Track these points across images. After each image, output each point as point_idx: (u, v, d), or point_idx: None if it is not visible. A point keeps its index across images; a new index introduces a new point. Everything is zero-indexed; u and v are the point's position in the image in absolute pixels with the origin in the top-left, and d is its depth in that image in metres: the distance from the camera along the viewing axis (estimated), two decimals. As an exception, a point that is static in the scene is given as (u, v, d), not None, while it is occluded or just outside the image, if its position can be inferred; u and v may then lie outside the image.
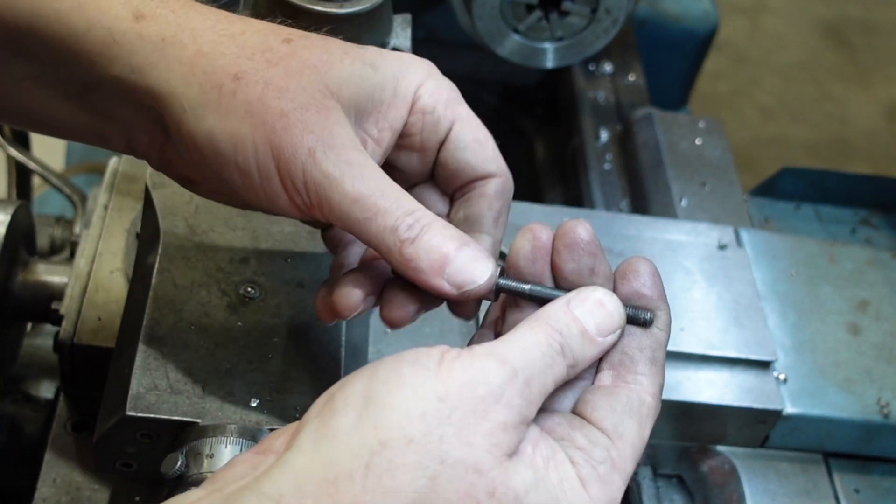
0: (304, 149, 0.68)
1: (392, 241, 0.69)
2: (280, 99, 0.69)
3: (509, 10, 1.25)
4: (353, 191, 0.68)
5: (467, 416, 0.60)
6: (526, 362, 0.63)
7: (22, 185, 1.48)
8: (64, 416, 0.99)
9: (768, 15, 3.98)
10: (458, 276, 0.69)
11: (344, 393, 0.62)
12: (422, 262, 0.69)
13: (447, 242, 0.69)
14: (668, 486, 1.12)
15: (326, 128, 0.69)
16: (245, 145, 0.69)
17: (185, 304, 0.84)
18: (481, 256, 0.70)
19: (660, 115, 1.44)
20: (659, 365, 0.70)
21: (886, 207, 1.45)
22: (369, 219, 0.69)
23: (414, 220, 0.69)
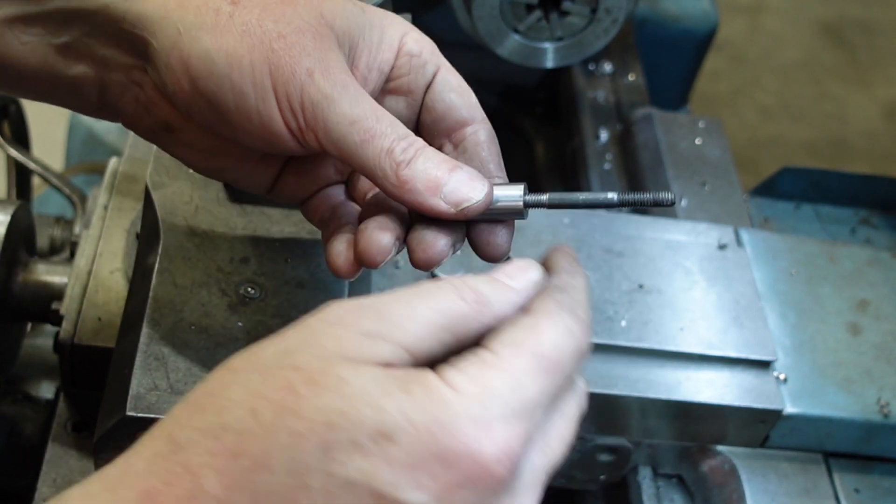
0: (303, 68, 0.69)
1: (388, 163, 0.69)
2: (277, 22, 0.69)
3: (509, 10, 1.25)
4: (350, 112, 0.69)
5: (289, 337, 0.57)
6: (383, 296, 0.58)
7: (22, 185, 1.48)
8: (64, 416, 0.99)
9: (768, 15, 3.98)
10: (455, 194, 0.70)
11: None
12: (418, 183, 0.69)
13: (442, 164, 0.70)
14: (668, 486, 1.12)
15: (323, 52, 0.70)
16: (242, 63, 0.69)
17: (185, 304, 0.84)
18: (476, 175, 0.71)
19: (660, 115, 1.44)
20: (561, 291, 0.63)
21: (886, 207, 1.45)
22: (366, 141, 0.69)
23: (408, 143, 0.70)
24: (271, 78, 0.69)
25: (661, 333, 1.07)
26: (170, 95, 0.72)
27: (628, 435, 1.06)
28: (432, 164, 0.70)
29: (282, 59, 0.69)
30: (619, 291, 1.09)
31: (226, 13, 0.70)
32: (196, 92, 0.70)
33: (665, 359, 1.07)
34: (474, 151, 0.77)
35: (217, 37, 0.69)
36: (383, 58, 0.76)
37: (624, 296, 1.09)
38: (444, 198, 0.70)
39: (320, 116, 0.69)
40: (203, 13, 0.70)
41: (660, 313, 1.09)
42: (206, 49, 0.69)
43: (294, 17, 0.70)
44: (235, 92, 0.69)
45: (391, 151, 0.69)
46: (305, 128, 0.70)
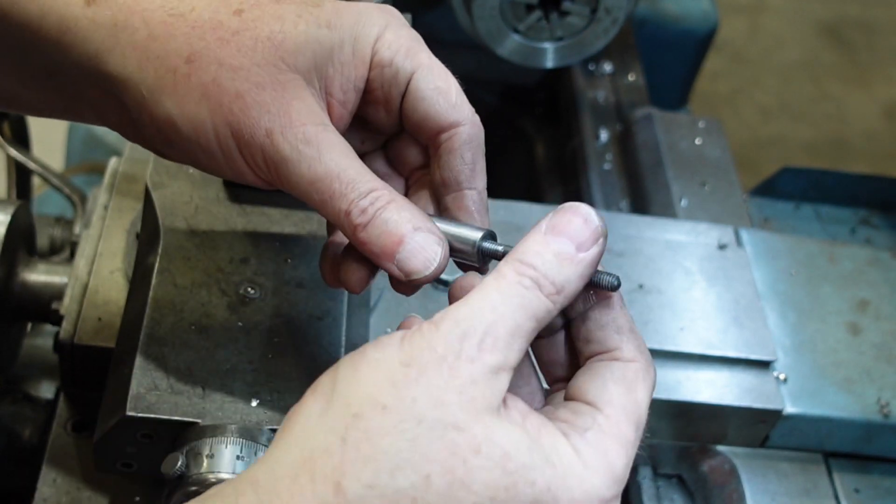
0: (262, 130, 0.69)
1: (346, 223, 0.70)
2: (234, 80, 0.69)
3: (509, 10, 1.25)
4: (308, 174, 0.69)
5: (433, 376, 0.59)
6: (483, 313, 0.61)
7: (22, 185, 1.48)
8: (64, 416, 0.99)
9: (768, 15, 3.98)
10: (406, 264, 0.70)
11: (313, 388, 0.63)
12: (374, 247, 0.70)
13: (400, 227, 0.70)
14: (668, 486, 1.12)
15: (283, 105, 0.69)
16: (205, 128, 0.69)
17: (185, 304, 0.84)
18: (431, 244, 0.70)
19: (660, 115, 1.44)
20: (626, 328, 0.68)
21: (886, 207, 1.45)
22: (325, 201, 0.69)
23: (369, 202, 0.70)
24: (234, 139, 0.69)
25: (661, 333, 1.08)
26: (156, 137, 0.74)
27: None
28: (390, 227, 0.70)
29: (241, 121, 0.69)
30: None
31: (183, 74, 0.69)
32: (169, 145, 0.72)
33: (665, 359, 1.07)
34: (447, 160, 0.76)
35: (178, 101, 0.69)
36: (357, 75, 0.74)
37: (624, 296, 1.09)
38: (398, 264, 0.70)
39: (283, 174, 0.70)
40: (161, 75, 0.69)
41: (660, 313, 1.09)
42: (168, 114, 0.70)
43: (252, 69, 0.69)
44: (204, 152, 0.71)
45: (348, 213, 0.69)
46: (276, 180, 0.71)
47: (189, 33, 0.69)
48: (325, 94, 0.73)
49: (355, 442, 0.58)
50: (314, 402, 0.61)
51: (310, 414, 0.61)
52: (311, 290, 0.87)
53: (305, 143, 0.69)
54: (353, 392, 0.60)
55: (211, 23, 0.70)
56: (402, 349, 0.61)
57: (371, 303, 1.03)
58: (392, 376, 0.60)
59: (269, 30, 0.70)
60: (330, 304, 0.87)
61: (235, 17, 0.70)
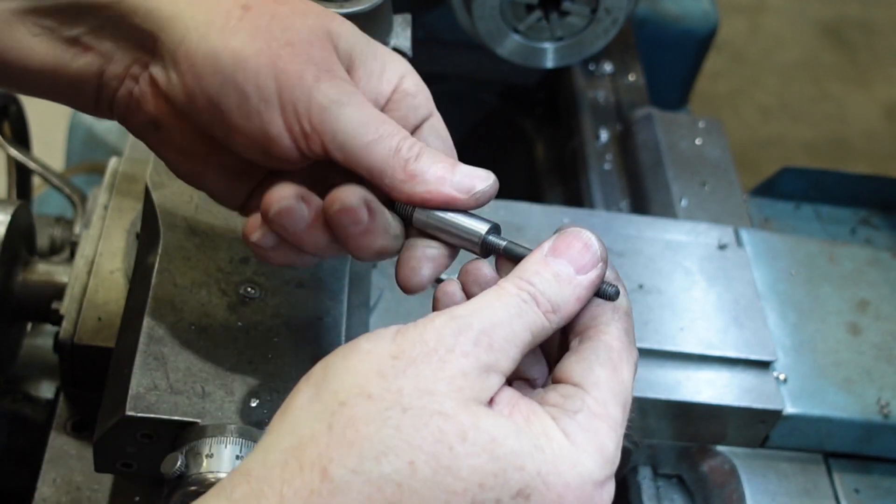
0: (311, 74, 0.70)
1: (397, 161, 0.71)
2: (286, 31, 0.71)
3: (509, 10, 1.25)
4: (358, 115, 0.70)
5: (423, 368, 0.60)
6: (481, 313, 0.63)
7: (22, 185, 1.48)
8: (64, 416, 0.99)
9: (768, 15, 3.98)
10: (464, 182, 0.71)
11: (305, 377, 0.63)
12: (428, 175, 0.71)
13: (447, 159, 0.72)
14: (668, 486, 1.12)
15: (329, 64, 0.71)
16: (247, 64, 0.70)
17: (185, 304, 0.84)
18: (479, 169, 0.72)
19: (660, 115, 1.44)
20: (621, 311, 0.69)
21: (886, 207, 1.45)
22: (374, 141, 0.70)
23: (413, 142, 0.72)
24: (276, 82, 0.70)
25: (661, 333, 1.08)
26: (171, 91, 0.73)
27: (628, 435, 1.06)
28: (439, 160, 0.72)
29: (289, 66, 0.70)
30: (619, 291, 1.09)
31: (236, 16, 0.71)
32: (198, 89, 0.71)
33: (665, 359, 1.07)
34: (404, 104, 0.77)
35: (225, 37, 0.70)
36: (381, 89, 0.76)
37: (624, 296, 1.09)
38: (455, 186, 0.71)
39: (328, 120, 0.70)
40: (214, 13, 0.71)
41: (660, 313, 1.09)
42: (213, 48, 0.70)
43: (303, 28, 0.71)
44: (238, 92, 0.70)
45: (399, 150, 0.71)
46: (311, 132, 0.70)
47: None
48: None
49: (341, 428, 0.59)
50: (305, 391, 0.62)
51: (300, 403, 0.61)
52: (311, 290, 0.87)
53: (350, 93, 0.71)
54: (342, 381, 0.61)
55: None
56: (395, 342, 0.62)
57: (371, 303, 1.03)
58: (380, 367, 0.60)
59: (321, 9, 0.74)
60: (330, 304, 0.87)
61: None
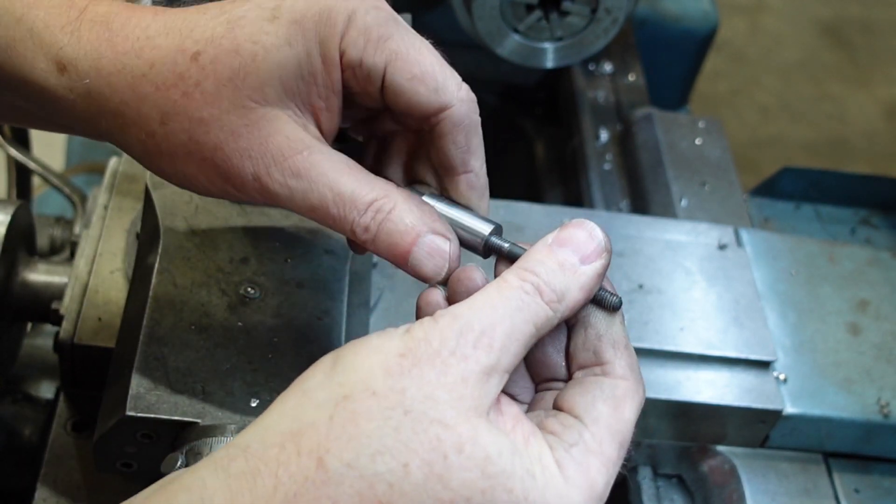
0: (249, 176, 0.70)
1: (356, 237, 0.72)
2: (209, 133, 0.70)
3: (509, 10, 1.25)
4: (304, 204, 0.71)
5: (427, 370, 0.60)
6: (482, 311, 0.63)
7: (22, 185, 1.48)
8: (64, 416, 0.99)
9: (768, 15, 3.98)
10: (420, 269, 0.72)
11: (315, 363, 0.64)
12: (385, 255, 0.72)
13: (404, 238, 0.71)
14: (668, 486, 1.12)
15: (262, 146, 0.70)
16: (198, 180, 0.72)
17: (185, 304, 0.84)
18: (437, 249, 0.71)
19: (660, 115, 1.44)
20: (622, 346, 0.69)
21: (886, 207, 1.45)
22: (328, 224, 0.72)
23: (369, 218, 0.71)
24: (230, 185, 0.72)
25: (661, 333, 1.08)
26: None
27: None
28: (395, 238, 0.71)
29: (228, 170, 0.70)
30: (619, 291, 1.08)
31: (162, 136, 0.70)
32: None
33: (665, 359, 1.07)
34: (440, 147, 0.74)
35: (167, 161, 0.72)
36: (333, 78, 0.72)
37: (624, 296, 1.08)
38: (411, 269, 0.72)
39: (284, 206, 0.72)
40: (143, 139, 0.71)
41: (660, 313, 1.09)
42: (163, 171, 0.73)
43: (222, 118, 0.69)
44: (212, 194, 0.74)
45: (353, 233, 0.71)
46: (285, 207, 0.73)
47: (155, 94, 0.70)
48: (307, 107, 0.72)
49: (341, 421, 0.59)
50: (312, 377, 0.63)
51: (306, 388, 0.62)
52: (311, 290, 0.87)
53: (294, 176, 0.70)
54: (349, 374, 0.61)
55: (172, 78, 0.69)
56: (403, 339, 0.62)
57: (371, 303, 1.03)
58: (387, 364, 0.61)
59: (229, 70, 0.69)
60: (330, 304, 0.87)
61: (193, 64, 0.69)
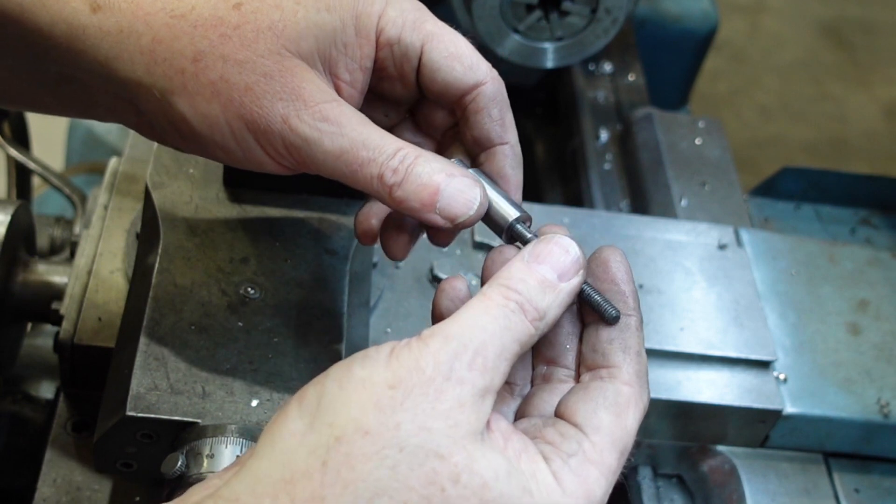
0: (277, 118, 0.70)
1: (381, 187, 0.71)
2: (241, 73, 0.69)
3: (509, 10, 1.25)
4: (333, 148, 0.70)
5: (420, 400, 0.59)
6: (473, 332, 0.62)
7: (22, 185, 1.48)
8: (64, 416, 0.99)
9: (768, 15, 3.98)
10: (448, 210, 0.71)
11: (298, 398, 0.62)
12: (412, 202, 0.71)
13: (434, 177, 0.71)
14: (668, 486, 1.12)
15: (294, 90, 0.70)
16: (219, 124, 0.70)
17: (185, 304, 0.84)
18: (468, 187, 0.71)
19: (660, 115, 1.44)
20: (633, 352, 0.69)
21: (886, 207, 1.45)
22: (354, 171, 0.70)
23: (398, 161, 0.70)
24: (251, 132, 0.70)
25: (661, 333, 1.08)
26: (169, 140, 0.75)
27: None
28: (425, 178, 0.71)
29: (254, 113, 0.70)
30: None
31: (191, 74, 0.70)
32: (188, 145, 0.73)
33: (665, 359, 1.07)
34: (476, 120, 0.76)
35: (190, 100, 0.70)
36: (363, 54, 0.74)
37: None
38: (439, 213, 0.71)
39: (307, 156, 0.71)
40: (170, 76, 0.70)
41: (660, 313, 1.09)
42: (182, 113, 0.71)
43: (257, 62, 0.70)
44: (221, 147, 0.72)
45: (381, 177, 0.70)
46: (297, 164, 0.72)
47: (192, 33, 0.70)
48: (331, 77, 0.73)
49: (335, 466, 0.58)
50: (298, 418, 0.60)
51: (293, 430, 0.60)
52: (311, 290, 0.87)
53: (323, 120, 0.70)
54: (337, 413, 0.59)
55: (212, 20, 0.70)
56: (390, 367, 0.60)
57: (371, 303, 1.03)
58: (377, 399, 0.59)
59: (269, 20, 0.70)
60: (330, 304, 0.87)
61: (235, 12, 0.70)
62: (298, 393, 0.62)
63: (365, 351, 0.63)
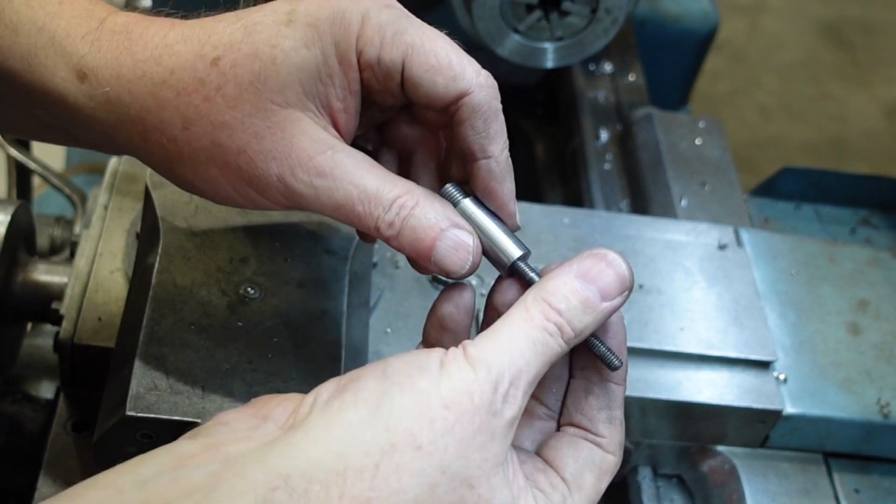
0: (273, 177, 0.71)
1: (380, 234, 0.72)
2: (231, 136, 0.70)
3: (509, 10, 1.25)
4: (329, 202, 0.71)
5: (466, 427, 0.62)
6: (512, 358, 0.65)
7: (22, 185, 1.48)
8: (64, 416, 0.99)
9: (768, 15, 3.98)
10: (443, 264, 0.72)
11: (356, 386, 0.63)
12: (409, 252, 0.72)
13: (428, 232, 0.71)
14: (668, 486, 1.12)
15: (286, 148, 0.70)
16: (220, 184, 0.72)
17: (185, 304, 0.84)
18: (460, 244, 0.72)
19: (660, 115, 1.44)
20: (617, 422, 0.73)
21: (886, 207, 1.45)
22: (353, 222, 0.72)
23: (394, 214, 0.71)
24: (252, 188, 0.72)
25: (661, 333, 1.07)
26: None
27: (628, 435, 1.06)
28: (419, 234, 0.72)
29: (251, 174, 0.71)
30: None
31: (184, 141, 0.71)
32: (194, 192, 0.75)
33: (665, 359, 1.06)
34: (459, 132, 0.74)
35: (189, 165, 0.72)
36: (351, 79, 0.73)
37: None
38: (434, 266, 0.72)
39: (307, 206, 0.72)
40: (165, 145, 0.71)
41: (660, 313, 1.09)
42: (184, 177, 0.73)
43: (245, 121, 0.70)
44: (230, 202, 0.74)
45: (378, 230, 0.72)
46: (304, 209, 0.73)
47: (176, 101, 0.70)
48: (325, 109, 0.73)
49: (386, 473, 0.60)
50: (356, 408, 0.62)
51: (350, 421, 0.62)
52: (311, 290, 0.87)
53: (319, 175, 0.71)
54: (396, 420, 0.62)
55: (193, 84, 0.70)
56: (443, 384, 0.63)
57: (371, 303, 1.03)
58: (432, 416, 0.62)
59: (250, 74, 0.70)
60: (330, 304, 0.87)
61: (213, 69, 0.70)
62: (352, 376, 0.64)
63: (417, 356, 0.65)
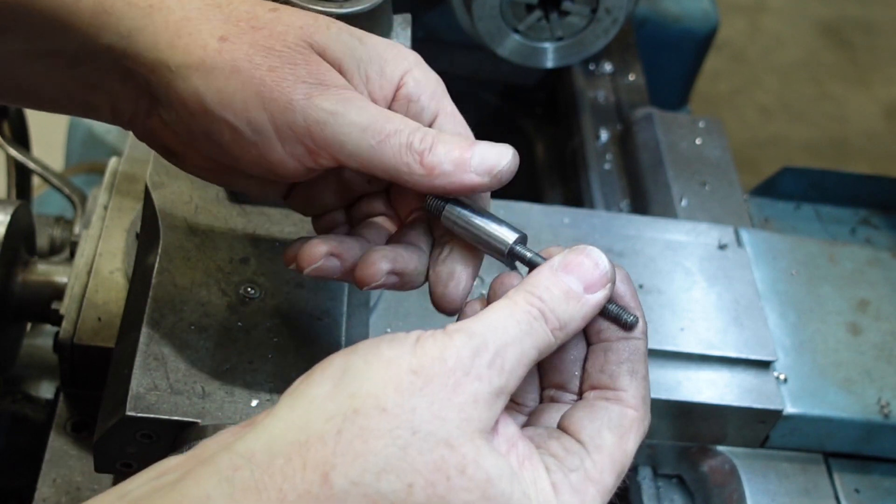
0: (301, 94, 0.69)
1: (410, 156, 0.70)
2: (267, 57, 0.70)
3: (509, 10, 1.25)
4: (359, 119, 0.69)
5: (438, 390, 0.60)
6: (496, 332, 0.63)
7: (22, 185, 1.48)
8: (64, 416, 0.99)
9: (768, 15, 3.98)
10: (484, 163, 0.70)
11: (323, 366, 0.63)
12: (445, 165, 0.70)
13: (461, 142, 0.71)
14: (668, 486, 1.12)
15: (318, 74, 0.70)
16: (233, 102, 0.69)
17: (185, 304, 0.84)
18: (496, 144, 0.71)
19: (660, 115, 1.44)
20: (640, 376, 0.70)
21: (886, 207, 1.45)
22: (382, 142, 0.70)
23: (423, 133, 0.70)
24: (267, 112, 0.69)
25: (661, 333, 1.08)
26: (174, 127, 0.74)
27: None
28: (453, 145, 0.70)
29: (275, 92, 0.69)
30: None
31: (214, 50, 0.70)
32: (194, 127, 0.72)
33: (665, 359, 1.07)
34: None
35: (207, 75, 0.69)
36: (381, 96, 0.74)
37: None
38: (475, 170, 0.70)
39: (330, 133, 0.69)
40: (191, 51, 0.70)
41: (660, 313, 1.09)
42: (196, 89, 0.70)
43: (284, 50, 0.70)
44: (231, 129, 0.70)
45: (410, 145, 0.70)
46: (317, 148, 0.70)
47: (224, 19, 0.71)
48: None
49: (349, 437, 0.59)
50: (321, 384, 0.62)
51: (314, 395, 0.61)
52: (311, 290, 0.87)
53: (345, 101, 0.70)
54: (359, 386, 0.60)
55: (246, 14, 0.71)
56: (415, 354, 0.61)
57: (371, 303, 1.03)
58: (399, 381, 0.60)
59: (302, 22, 0.72)
60: (330, 304, 0.87)
61: (270, 12, 0.72)
62: (324, 361, 0.63)
63: (393, 334, 0.64)
